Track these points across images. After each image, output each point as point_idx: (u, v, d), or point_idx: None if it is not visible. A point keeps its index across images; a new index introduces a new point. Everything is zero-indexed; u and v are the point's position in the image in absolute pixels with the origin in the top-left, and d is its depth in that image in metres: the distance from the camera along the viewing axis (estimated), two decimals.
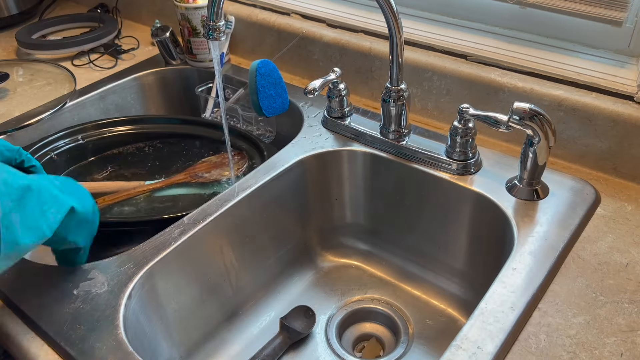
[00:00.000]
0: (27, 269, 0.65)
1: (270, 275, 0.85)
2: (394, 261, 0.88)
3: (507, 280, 0.60)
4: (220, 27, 0.73)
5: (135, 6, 1.26)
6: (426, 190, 0.79)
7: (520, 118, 0.65)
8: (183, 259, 0.69)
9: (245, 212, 0.76)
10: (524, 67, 0.79)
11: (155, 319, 0.67)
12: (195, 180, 0.88)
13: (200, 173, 0.89)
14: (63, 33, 1.24)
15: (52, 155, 0.89)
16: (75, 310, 0.59)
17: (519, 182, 0.71)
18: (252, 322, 0.81)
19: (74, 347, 0.55)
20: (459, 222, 0.78)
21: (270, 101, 0.85)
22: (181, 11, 0.99)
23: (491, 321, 0.55)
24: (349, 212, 0.90)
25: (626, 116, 0.71)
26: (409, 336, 0.79)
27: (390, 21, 0.69)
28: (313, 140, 0.84)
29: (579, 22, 0.80)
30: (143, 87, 1.07)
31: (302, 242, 0.89)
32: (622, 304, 0.58)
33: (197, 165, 0.92)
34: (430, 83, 0.86)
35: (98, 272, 0.63)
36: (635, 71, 0.76)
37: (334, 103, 0.85)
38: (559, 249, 0.63)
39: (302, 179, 0.83)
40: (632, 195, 0.72)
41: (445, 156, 0.76)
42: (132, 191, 0.86)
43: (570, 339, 0.54)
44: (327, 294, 0.86)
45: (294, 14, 1.02)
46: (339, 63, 0.95)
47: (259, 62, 0.83)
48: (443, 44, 0.86)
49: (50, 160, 0.89)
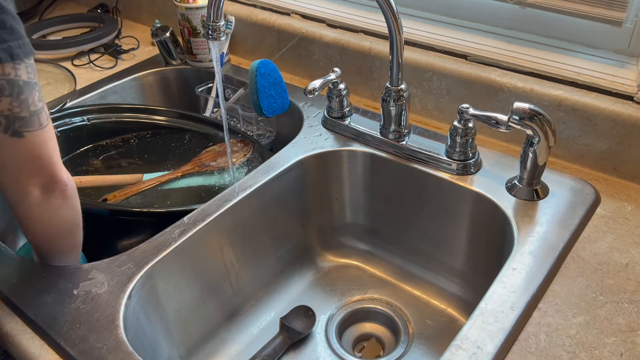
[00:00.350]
0: (27, 269, 0.65)
1: (271, 275, 0.85)
2: (394, 261, 0.88)
3: (507, 280, 0.60)
4: (220, 27, 0.73)
5: (135, 6, 1.26)
6: (426, 190, 0.79)
7: (520, 118, 0.65)
8: (183, 259, 0.69)
9: (245, 212, 0.76)
10: (524, 67, 0.79)
11: (155, 319, 0.67)
12: (203, 169, 0.88)
13: (207, 162, 0.89)
14: (63, 33, 1.24)
15: None
16: (75, 310, 0.59)
17: (519, 182, 0.71)
18: (252, 322, 0.81)
19: (74, 347, 0.55)
20: (458, 222, 0.78)
21: (270, 101, 0.85)
22: (181, 11, 0.99)
23: (491, 321, 0.55)
24: (349, 212, 0.90)
25: (626, 116, 0.71)
26: (409, 336, 0.79)
27: (390, 21, 0.69)
28: (313, 140, 0.84)
29: (579, 22, 0.80)
30: (143, 87, 1.07)
31: (302, 242, 0.89)
32: (622, 304, 0.58)
33: (202, 155, 0.92)
34: (430, 83, 0.86)
35: (98, 272, 0.63)
36: (635, 71, 0.76)
37: (334, 103, 0.85)
38: (559, 249, 0.63)
39: (302, 179, 0.83)
40: (632, 195, 0.72)
41: (445, 156, 0.76)
42: (142, 184, 0.85)
43: (570, 339, 0.54)
44: (327, 294, 0.86)
45: (294, 14, 1.02)
46: (339, 63, 0.95)
47: (259, 62, 0.83)
48: (443, 44, 0.86)
49: None
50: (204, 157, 0.91)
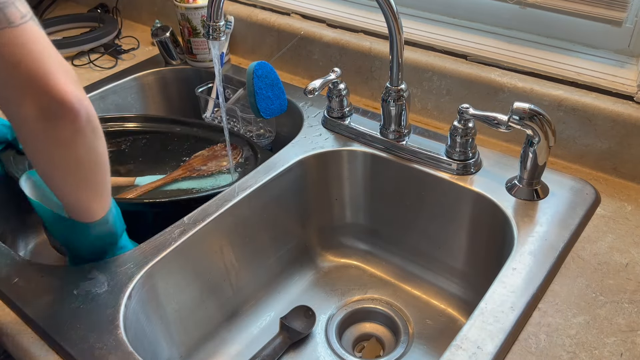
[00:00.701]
0: (27, 269, 0.65)
1: (271, 275, 0.85)
2: (394, 261, 0.88)
3: (507, 280, 0.60)
4: (220, 27, 0.73)
5: (135, 6, 1.26)
6: (426, 190, 0.79)
7: (520, 118, 0.65)
8: (183, 259, 0.69)
9: (245, 212, 0.76)
10: (524, 67, 0.79)
11: (155, 319, 0.67)
12: (195, 173, 0.88)
13: (198, 167, 0.89)
14: (63, 33, 1.24)
15: None
16: (75, 310, 0.59)
17: (519, 182, 0.71)
18: (252, 322, 0.81)
19: (74, 347, 0.55)
20: (458, 222, 0.78)
21: (268, 103, 0.85)
22: (181, 11, 0.99)
23: (491, 321, 0.55)
24: (349, 212, 0.90)
25: (626, 116, 0.71)
26: (409, 336, 0.79)
27: (390, 21, 0.69)
28: (313, 140, 0.84)
29: (579, 22, 0.80)
30: (143, 87, 1.07)
31: (302, 242, 0.89)
32: (622, 304, 0.58)
33: (192, 160, 0.92)
34: (430, 83, 0.86)
35: (98, 272, 0.63)
36: (635, 71, 0.76)
37: (334, 103, 0.85)
38: (559, 249, 0.63)
39: (302, 179, 0.83)
40: (632, 195, 0.72)
41: (445, 156, 0.76)
42: (135, 191, 0.85)
43: (570, 339, 0.54)
44: (327, 294, 0.86)
45: (294, 14, 1.02)
46: (339, 63, 0.95)
47: (255, 64, 0.83)
48: (443, 44, 0.86)
49: None
50: (193, 162, 0.91)
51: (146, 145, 0.95)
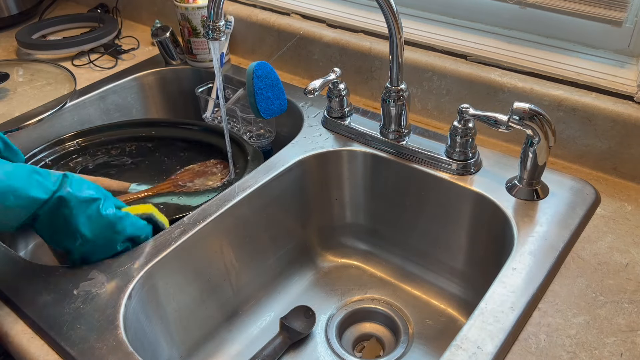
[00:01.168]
0: (27, 269, 0.65)
1: (271, 275, 0.85)
2: (394, 261, 0.88)
3: (507, 280, 0.60)
4: (220, 27, 0.73)
5: (135, 6, 1.26)
6: (426, 190, 0.79)
7: (520, 118, 0.65)
8: (183, 259, 0.69)
9: (245, 212, 0.76)
10: (524, 67, 0.79)
11: (155, 318, 0.67)
12: (179, 190, 0.86)
13: (183, 182, 0.88)
14: (63, 33, 1.24)
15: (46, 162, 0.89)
16: (75, 310, 0.59)
17: (519, 182, 0.71)
18: (252, 322, 0.81)
19: (74, 347, 0.55)
20: (459, 222, 0.78)
21: (267, 103, 0.85)
22: (181, 11, 0.99)
23: (491, 321, 0.55)
24: (349, 212, 0.90)
25: (626, 116, 0.71)
26: (409, 336, 0.79)
27: (390, 21, 0.69)
28: (313, 140, 0.84)
29: (579, 22, 0.80)
30: (143, 87, 1.07)
31: (302, 242, 0.89)
32: (622, 304, 0.58)
33: (179, 174, 0.90)
34: (430, 83, 0.86)
35: (98, 272, 0.63)
36: (635, 71, 0.76)
37: (334, 103, 0.85)
38: (559, 249, 0.63)
39: (302, 179, 0.83)
40: (632, 195, 0.72)
41: (445, 156, 0.76)
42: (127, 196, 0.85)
43: (570, 339, 0.54)
44: (327, 294, 0.86)
45: (294, 14, 1.02)
46: (339, 63, 0.95)
47: (255, 64, 0.83)
48: (443, 44, 0.86)
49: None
50: (180, 176, 0.89)
51: (150, 150, 0.95)
